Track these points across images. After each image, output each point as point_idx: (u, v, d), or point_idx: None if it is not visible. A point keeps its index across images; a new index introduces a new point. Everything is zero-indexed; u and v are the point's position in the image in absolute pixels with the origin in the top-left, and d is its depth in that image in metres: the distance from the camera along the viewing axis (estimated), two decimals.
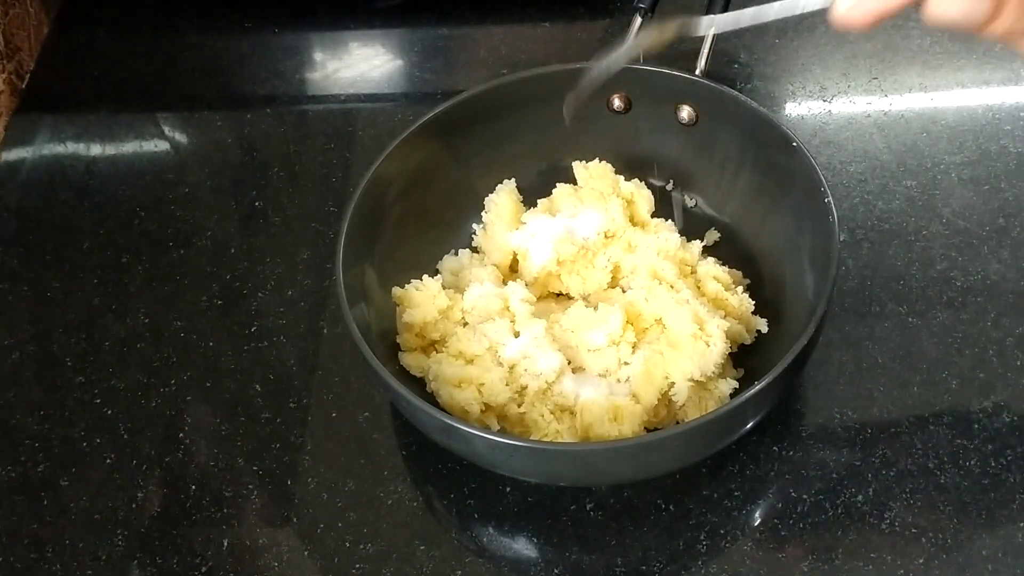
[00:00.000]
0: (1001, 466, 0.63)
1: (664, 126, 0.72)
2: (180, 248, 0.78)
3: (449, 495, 0.64)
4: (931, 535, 0.60)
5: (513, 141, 0.73)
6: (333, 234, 0.76)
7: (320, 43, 0.93)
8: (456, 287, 0.69)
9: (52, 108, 0.90)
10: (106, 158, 0.86)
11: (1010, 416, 0.65)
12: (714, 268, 0.67)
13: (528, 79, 0.71)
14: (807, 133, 0.81)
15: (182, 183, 0.83)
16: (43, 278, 0.77)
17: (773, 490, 0.63)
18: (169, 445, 0.68)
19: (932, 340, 0.68)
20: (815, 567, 0.60)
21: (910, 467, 0.63)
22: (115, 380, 0.71)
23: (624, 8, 0.91)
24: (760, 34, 0.88)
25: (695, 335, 0.62)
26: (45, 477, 0.67)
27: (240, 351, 0.72)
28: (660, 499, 0.63)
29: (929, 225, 0.74)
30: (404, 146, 0.68)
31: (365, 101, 0.88)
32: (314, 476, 0.66)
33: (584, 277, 0.68)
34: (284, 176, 0.83)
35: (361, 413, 0.68)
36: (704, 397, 0.62)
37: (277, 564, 0.62)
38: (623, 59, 0.52)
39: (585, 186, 0.72)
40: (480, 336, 0.64)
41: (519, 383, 0.62)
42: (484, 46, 0.91)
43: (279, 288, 0.75)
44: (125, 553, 0.63)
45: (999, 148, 0.78)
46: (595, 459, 0.57)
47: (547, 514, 0.63)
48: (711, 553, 0.61)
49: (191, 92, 0.90)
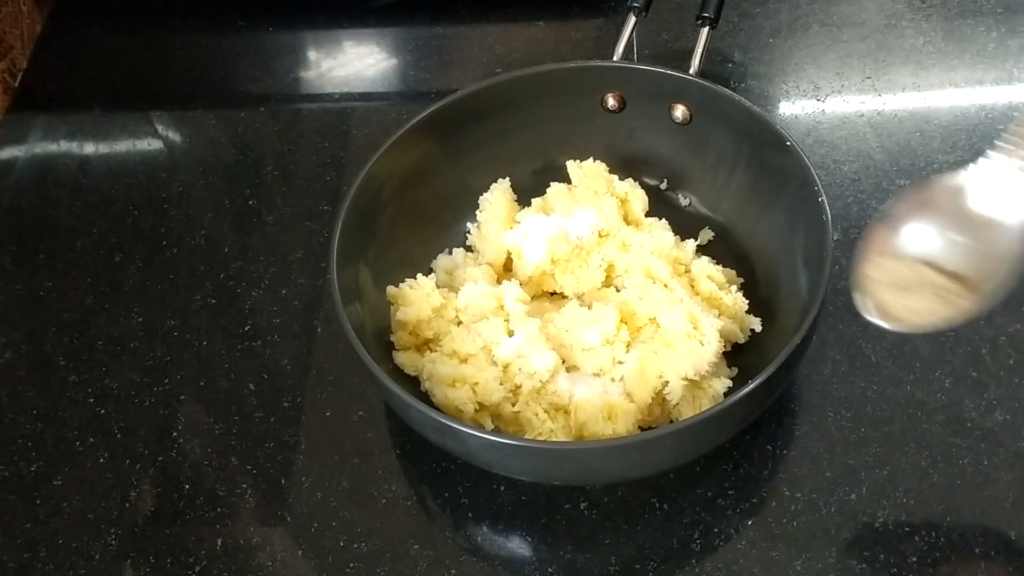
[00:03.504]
0: (994, 464, 0.63)
1: (658, 125, 0.72)
2: (173, 247, 0.78)
3: (443, 494, 0.64)
4: (924, 534, 0.60)
5: (507, 140, 0.73)
6: (327, 233, 0.77)
7: (314, 42, 0.93)
8: (450, 286, 0.69)
9: (45, 107, 0.89)
10: (99, 157, 0.86)
11: (1003, 414, 0.65)
12: (708, 267, 0.67)
13: (522, 78, 0.71)
14: (801, 132, 0.81)
15: (175, 182, 0.83)
16: (36, 277, 0.77)
17: (767, 489, 0.63)
18: (163, 444, 0.68)
19: (925, 339, 0.69)
20: (809, 566, 0.60)
21: (903, 465, 0.63)
22: (108, 379, 0.71)
23: (618, 7, 0.91)
24: (754, 33, 0.88)
25: (689, 334, 0.62)
26: (38, 476, 0.67)
27: (234, 350, 0.72)
28: (654, 498, 0.63)
29: None
30: (398, 145, 0.68)
31: (359, 100, 0.88)
32: (308, 475, 0.66)
33: (578, 276, 0.68)
34: (278, 175, 0.82)
35: (355, 412, 0.68)
36: (698, 396, 0.62)
37: (271, 563, 0.62)
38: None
39: (579, 185, 0.72)
40: (474, 335, 0.64)
41: (513, 382, 0.62)
42: (478, 45, 0.91)
43: (273, 287, 0.75)
44: (118, 552, 0.63)
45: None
46: (589, 458, 0.57)
47: (541, 513, 0.63)
48: (705, 552, 0.61)
49: (184, 91, 0.90)
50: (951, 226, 0.42)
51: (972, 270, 0.42)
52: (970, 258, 0.42)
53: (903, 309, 0.44)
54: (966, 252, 0.42)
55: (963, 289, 0.43)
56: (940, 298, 0.43)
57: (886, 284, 0.45)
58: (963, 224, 0.42)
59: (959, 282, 0.43)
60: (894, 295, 0.44)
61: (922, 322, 0.44)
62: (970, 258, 0.42)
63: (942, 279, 0.43)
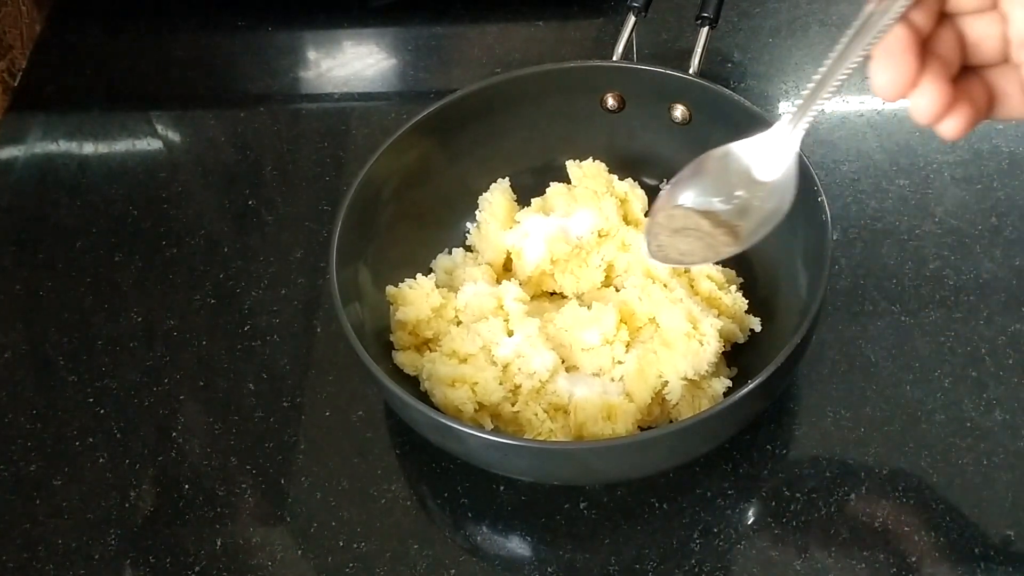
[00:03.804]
0: (994, 464, 0.63)
1: (658, 125, 0.72)
2: (173, 247, 0.78)
3: (443, 494, 0.64)
4: (924, 533, 0.60)
5: (507, 140, 0.73)
6: (327, 233, 0.77)
7: (314, 42, 0.93)
8: (450, 286, 0.69)
9: (44, 106, 0.89)
10: (99, 156, 0.86)
11: (1002, 414, 0.65)
12: (707, 267, 0.67)
13: (522, 78, 0.71)
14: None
15: (175, 182, 0.83)
16: (35, 277, 0.77)
17: (766, 488, 0.63)
18: (162, 444, 0.68)
19: (925, 339, 0.69)
20: (808, 565, 0.60)
21: (903, 465, 0.63)
22: (108, 379, 0.71)
23: (618, 7, 0.91)
24: (754, 33, 0.88)
25: (688, 334, 0.62)
26: (38, 476, 0.67)
27: (233, 350, 0.72)
28: (654, 498, 0.63)
29: (922, 224, 0.75)
30: (398, 145, 0.68)
31: (359, 100, 0.88)
32: (308, 475, 0.66)
33: (578, 276, 0.68)
34: (277, 175, 0.82)
35: (355, 412, 0.68)
36: (697, 396, 0.62)
37: (271, 563, 0.62)
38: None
39: (579, 185, 0.72)
40: (474, 335, 0.64)
41: (513, 382, 0.62)
42: (478, 45, 0.91)
43: (272, 287, 0.75)
44: (118, 552, 0.63)
45: (991, 147, 0.79)
46: (589, 458, 0.57)
47: (541, 513, 0.63)
48: (705, 552, 0.61)
49: (184, 90, 0.90)
50: (721, 183, 0.51)
51: (736, 220, 0.51)
52: (734, 210, 0.51)
53: (674, 250, 0.54)
54: (733, 206, 0.52)
55: (727, 236, 0.52)
56: (704, 242, 0.52)
57: (667, 229, 0.54)
58: (731, 182, 0.51)
59: (725, 229, 0.52)
60: (671, 238, 0.53)
61: (688, 260, 0.54)
62: (734, 210, 0.51)
63: (710, 227, 0.52)
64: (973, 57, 0.45)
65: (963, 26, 0.44)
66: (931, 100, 0.42)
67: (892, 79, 0.42)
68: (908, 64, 0.42)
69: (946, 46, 0.43)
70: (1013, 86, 0.44)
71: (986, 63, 0.45)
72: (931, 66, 0.42)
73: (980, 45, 0.44)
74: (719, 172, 0.52)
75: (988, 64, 0.45)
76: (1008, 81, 0.45)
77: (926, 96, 0.42)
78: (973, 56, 0.45)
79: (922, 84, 0.42)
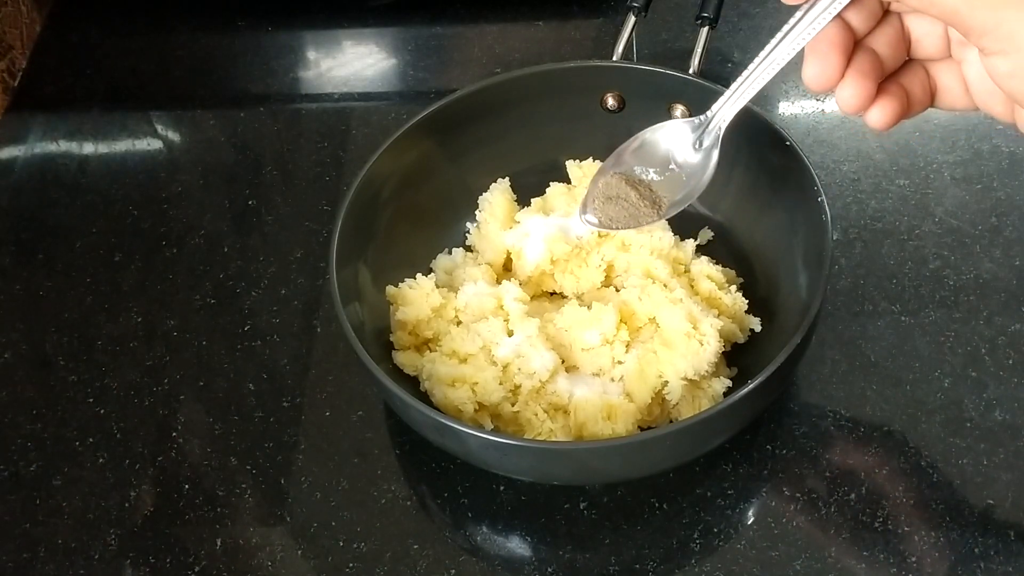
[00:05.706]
0: (993, 464, 0.63)
1: None
2: (173, 247, 0.78)
3: (443, 494, 0.64)
4: (924, 533, 0.60)
5: (507, 140, 0.73)
6: (327, 233, 0.77)
7: (313, 41, 0.93)
8: (450, 286, 0.69)
9: (44, 106, 0.89)
10: (99, 157, 0.86)
11: (1002, 414, 0.65)
12: (707, 267, 0.67)
13: (522, 78, 0.71)
14: (800, 132, 0.81)
15: (175, 182, 0.83)
16: (35, 277, 0.77)
17: (766, 488, 0.63)
18: (162, 444, 0.68)
19: (925, 339, 0.69)
20: (808, 565, 0.60)
21: (902, 465, 0.63)
22: (108, 379, 0.71)
23: (617, 7, 0.91)
24: (754, 33, 0.88)
25: (688, 334, 0.62)
26: (38, 476, 0.67)
27: (233, 350, 0.72)
28: (654, 498, 0.63)
29: (922, 224, 0.75)
30: (398, 145, 0.68)
31: (359, 100, 0.88)
32: (307, 475, 0.66)
33: (578, 276, 0.68)
34: (277, 175, 0.82)
35: (355, 412, 0.68)
36: (697, 396, 0.62)
37: (270, 563, 0.62)
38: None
39: (579, 185, 0.72)
40: (474, 335, 0.64)
41: (513, 382, 0.62)
42: (478, 45, 0.91)
43: (272, 287, 0.75)
44: (118, 552, 0.63)
45: (991, 147, 0.79)
46: (589, 458, 0.57)
47: (541, 513, 0.63)
48: (705, 551, 0.61)
49: (184, 90, 0.90)
50: (658, 157, 0.59)
51: (664, 193, 0.59)
52: (665, 183, 0.59)
53: (604, 215, 0.61)
54: (664, 178, 0.59)
55: (649, 208, 0.60)
56: (628, 212, 0.60)
57: (602, 196, 0.61)
58: (664, 157, 0.59)
59: (649, 202, 0.60)
60: (604, 204, 0.61)
61: (615, 226, 0.61)
62: (665, 183, 0.59)
63: (637, 198, 0.60)
64: (917, 52, 0.48)
65: (908, 23, 0.47)
66: (852, 93, 0.46)
67: (818, 73, 0.46)
68: (834, 60, 0.46)
69: (883, 43, 0.47)
70: (954, 80, 0.48)
71: (930, 58, 0.48)
72: (858, 62, 0.46)
73: (923, 41, 0.48)
74: (655, 145, 0.59)
75: (931, 59, 0.48)
76: (950, 75, 0.48)
77: (848, 89, 0.46)
78: (917, 51, 0.48)
79: (846, 78, 0.46)
